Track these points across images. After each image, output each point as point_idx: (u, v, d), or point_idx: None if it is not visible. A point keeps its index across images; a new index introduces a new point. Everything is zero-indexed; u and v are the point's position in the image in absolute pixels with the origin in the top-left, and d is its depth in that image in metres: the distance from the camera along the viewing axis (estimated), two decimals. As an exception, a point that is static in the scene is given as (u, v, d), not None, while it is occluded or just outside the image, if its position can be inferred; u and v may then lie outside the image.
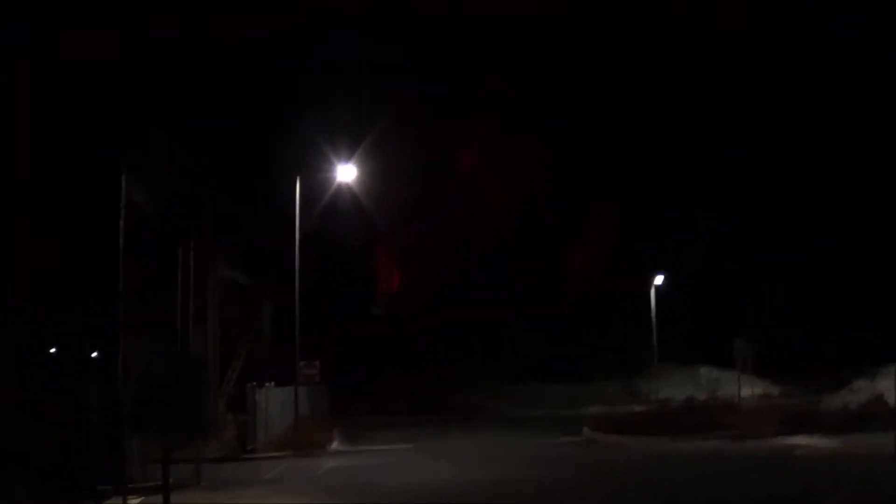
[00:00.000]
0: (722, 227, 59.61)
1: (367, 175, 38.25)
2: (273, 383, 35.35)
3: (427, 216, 60.16)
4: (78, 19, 37.16)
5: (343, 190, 37.47)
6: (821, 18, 57.75)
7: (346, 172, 35.98)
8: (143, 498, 18.71)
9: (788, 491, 18.65)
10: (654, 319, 54.83)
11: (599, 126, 63.32)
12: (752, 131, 62.84)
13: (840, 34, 57.00)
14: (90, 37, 35.28)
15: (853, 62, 59.14)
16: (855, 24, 55.09)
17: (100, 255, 30.39)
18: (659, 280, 54.90)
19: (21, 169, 34.46)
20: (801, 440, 28.27)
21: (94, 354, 40.15)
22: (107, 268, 26.87)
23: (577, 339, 60.65)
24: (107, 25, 37.05)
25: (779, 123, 62.10)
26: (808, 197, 61.09)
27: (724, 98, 63.24)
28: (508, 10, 53.80)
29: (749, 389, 49.84)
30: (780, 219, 62.58)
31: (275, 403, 34.30)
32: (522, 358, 59.58)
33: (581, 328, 61.06)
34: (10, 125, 32.94)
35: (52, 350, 39.91)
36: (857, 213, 59.64)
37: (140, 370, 12.09)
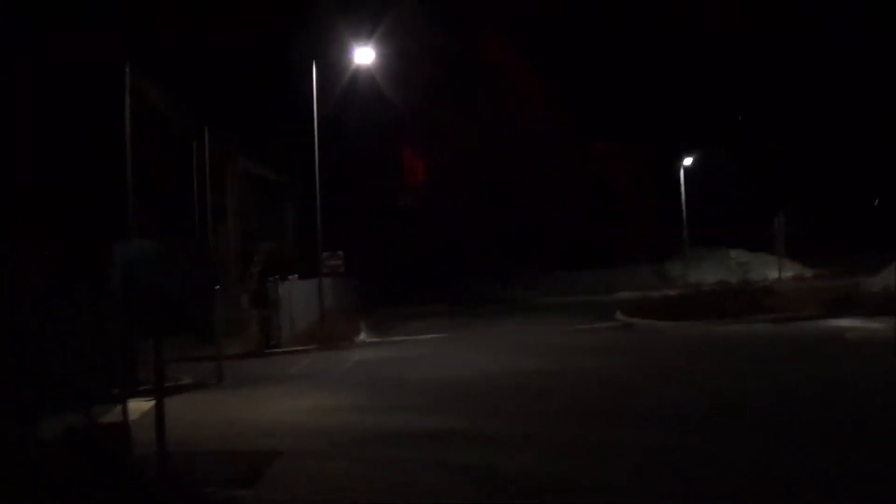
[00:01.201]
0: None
1: (386, 58, 35.88)
2: (296, 276, 33.89)
3: (451, 100, 57.93)
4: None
5: (362, 74, 35.33)
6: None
7: (363, 55, 33.67)
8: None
9: (860, 377, 16.89)
10: (683, 202, 53.20)
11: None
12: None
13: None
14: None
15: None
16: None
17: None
18: (688, 161, 53.15)
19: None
20: (845, 322, 26.62)
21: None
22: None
23: (605, 223, 58.84)
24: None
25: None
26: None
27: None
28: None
29: (782, 272, 48.82)
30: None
31: (299, 297, 32.89)
32: (553, 246, 57.94)
33: (609, 212, 59.19)
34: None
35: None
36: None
37: (137, 270, 10.41)
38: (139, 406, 13.92)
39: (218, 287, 20.94)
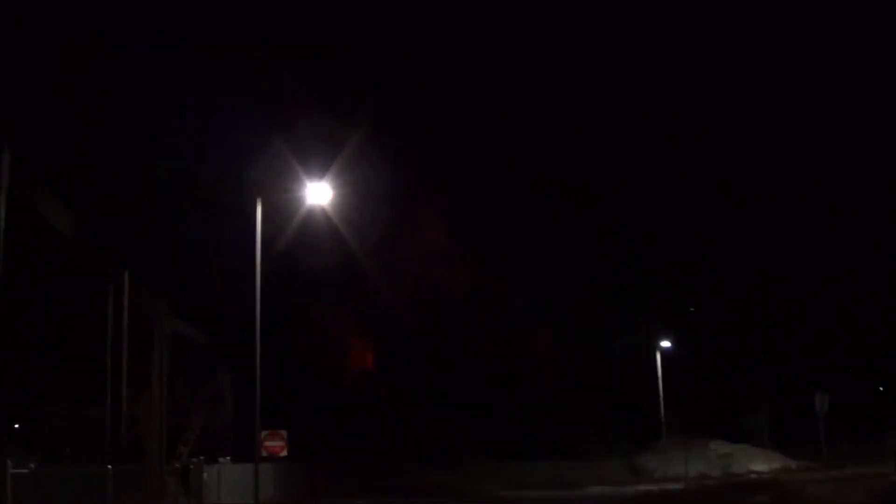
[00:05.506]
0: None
1: (344, 197, 28.30)
2: (229, 458, 26.40)
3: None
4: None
5: (317, 219, 28.06)
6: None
7: (318, 192, 26.54)
8: None
9: None
10: (660, 388, 46.72)
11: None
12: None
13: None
14: None
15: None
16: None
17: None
18: (665, 344, 47.02)
19: None
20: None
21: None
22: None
23: (570, 410, 51.67)
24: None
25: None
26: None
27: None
28: None
29: (766, 464, 42.68)
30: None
31: (230, 482, 25.39)
32: (513, 432, 50.46)
33: (576, 397, 52.17)
34: None
35: None
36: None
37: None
38: None
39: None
